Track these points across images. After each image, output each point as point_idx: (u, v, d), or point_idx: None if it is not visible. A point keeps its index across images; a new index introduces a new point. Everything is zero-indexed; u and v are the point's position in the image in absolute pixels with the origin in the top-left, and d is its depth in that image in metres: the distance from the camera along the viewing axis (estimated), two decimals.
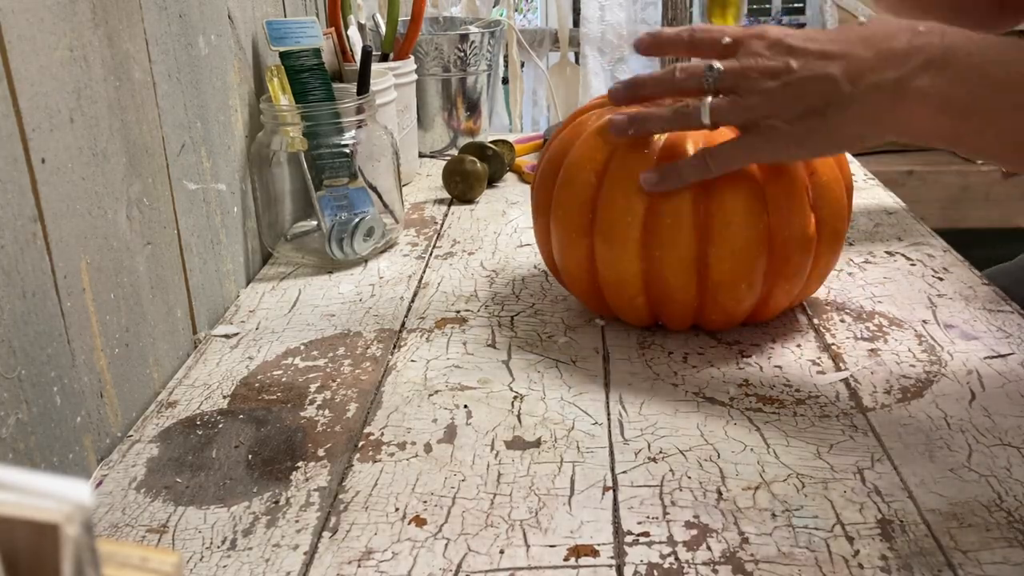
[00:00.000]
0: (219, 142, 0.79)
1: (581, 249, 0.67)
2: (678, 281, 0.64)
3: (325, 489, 0.53)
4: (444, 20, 1.37)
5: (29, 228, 0.50)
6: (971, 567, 0.45)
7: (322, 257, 0.86)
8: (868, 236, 0.89)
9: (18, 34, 0.49)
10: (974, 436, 0.56)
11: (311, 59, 0.86)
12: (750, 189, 0.62)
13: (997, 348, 0.66)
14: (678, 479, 0.53)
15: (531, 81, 2.29)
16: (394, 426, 0.59)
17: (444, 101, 1.21)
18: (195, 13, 0.74)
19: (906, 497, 0.50)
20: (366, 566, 0.47)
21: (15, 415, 0.49)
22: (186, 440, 0.59)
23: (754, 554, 0.46)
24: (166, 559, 0.22)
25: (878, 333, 0.69)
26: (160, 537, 0.50)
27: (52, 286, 0.53)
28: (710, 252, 0.63)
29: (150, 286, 0.65)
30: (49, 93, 0.52)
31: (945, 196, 2.26)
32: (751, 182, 0.62)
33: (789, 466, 0.53)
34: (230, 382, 0.66)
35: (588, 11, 2.16)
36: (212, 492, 0.53)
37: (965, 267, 0.81)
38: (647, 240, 0.64)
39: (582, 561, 0.46)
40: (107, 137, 0.59)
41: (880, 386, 0.62)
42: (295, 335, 0.73)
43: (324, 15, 1.14)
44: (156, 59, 0.67)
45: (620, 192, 0.64)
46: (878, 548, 0.46)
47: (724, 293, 0.64)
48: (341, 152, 0.86)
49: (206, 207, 0.76)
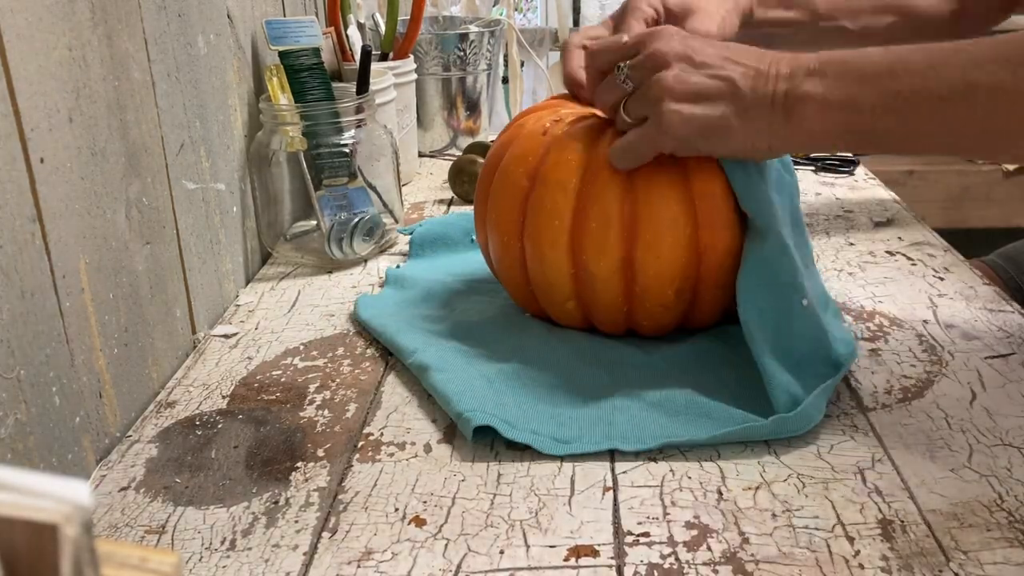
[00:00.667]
0: (218, 142, 0.79)
1: (514, 252, 0.66)
2: (606, 286, 0.63)
3: (325, 489, 0.53)
4: (444, 19, 1.37)
5: (28, 228, 0.50)
6: (972, 567, 0.45)
7: (321, 257, 0.86)
8: (868, 236, 0.89)
9: (17, 33, 0.49)
10: (975, 436, 0.56)
11: (310, 58, 0.86)
12: (679, 196, 0.61)
13: (998, 348, 0.66)
14: (678, 479, 0.52)
15: (531, 81, 2.29)
16: (394, 426, 0.59)
17: (444, 101, 1.21)
18: (194, 12, 0.74)
19: (907, 497, 0.50)
20: (366, 566, 0.46)
21: (14, 415, 0.49)
22: (185, 440, 0.59)
23: (754, 554, 0.46)
24: (165, 559, 0.22)
25: (879, 333, 0.69)
26: (159, 537, 0.50)
27: (51, 286, 0.53)
28: (636, 257, 0.62)
29: (149, 286, 0.65)
30: (48, 92, 0.52)
31: (945, 196, 2.26)
32: (680, 188, 0.61)
33: (789, 466, 0.53)
34: (229, 382, 0.66)
35: (588, 11, 2.16)
36: (211, 492, 0.53)
37: (965, 267, 0.81)
38: (575, 244, 0.63)
39: (582, 561, 0.46)
40: (106, 137, 0.59)
41: (880, 386, 0.62)
42: (294, 335, 0.73)
43: (323, 14, 1.14)
44: (155, 58, 0.66)
45: (549, 195, 0.63)
46: (879, 548, 0.46)
47: (652, 299, 0.63)
48: (340, 152, 0.86)
49: (205, 207, 0.76)
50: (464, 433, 0.56)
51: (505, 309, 0.73)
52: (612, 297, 0.64)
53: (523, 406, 0.59)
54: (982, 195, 2.26)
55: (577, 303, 0.66)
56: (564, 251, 0.63)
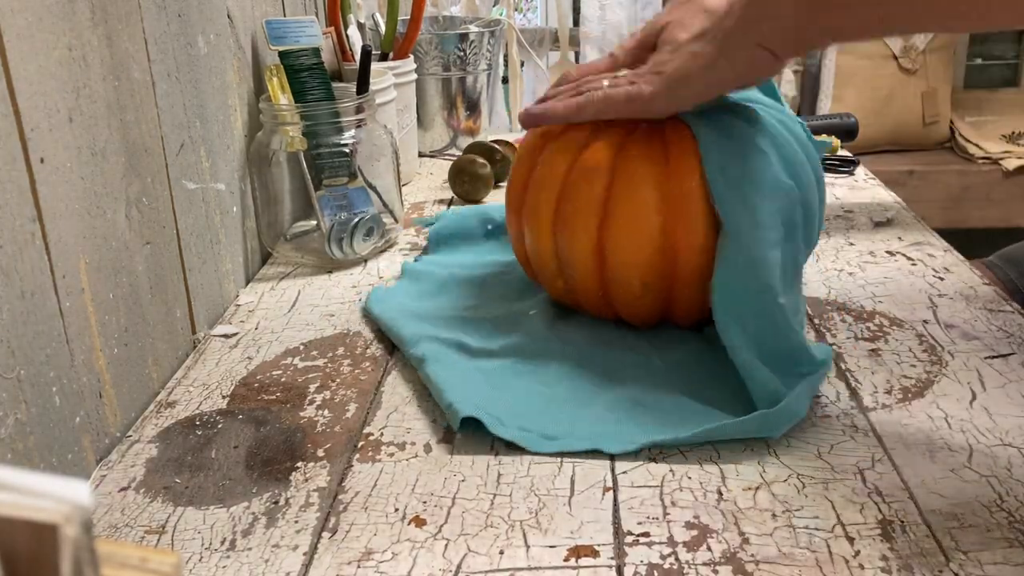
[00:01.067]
0: (218, 142, 0.79)
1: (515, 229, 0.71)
2: (582, 269, 0.65)
3: (325, 489, 0.53)
4: (444, 19, 1.37)
5: (28, 228, 0.50)
6: (972, 567, 0.45)
7: (321, 257, 0.86)
8: (868, 236, 0.89)
9: (17, 33, 0.49)
10: (975, 436, 0.56)
11: (310, 58, 0.86)
12: (654, 190, 0.62)
13: (998, 348, 0.66)
14: (678, 479, 0.52)
15: (531, 81, 2.29)
16: (394, 426, 0.59)
17: (444, 100, 1.21)
18: (194, 12, 0.74)
19: (907, 497, 0.50)
20: (366, 566, 0.46)
21: (14, 415, 0.49)
22: (185, 440, 0.59)
23: (754, 554, 0.46)
24: (165, 559, 0.22)
25: (878, 333, 0.69)
26: (159, 538, 0.50)
27: (51, 286, 0.53)
28: (607, 245, 0.64)
29: (149, 286, 0.65)
30: (48, 92, 0.52)
31: (945, 196, 2.26)
32: (656, 183, 0.62)
33: (789, 466, 0.53)
34: (229, 382, 0.66)
35: (588, 10, 2.16)
36: (211, 492, 0.53)
37: (965, 267, 0.81)
38: (556, 225, 0.66)
39: (582, 562, 0.46)
40: (106, 137, 0.59)
41: (880, 386, 0.62)
42: (294, 335, 0.73)
43: (323, 14, 1.14)
44: (155, 58, 0.66)
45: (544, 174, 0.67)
46: (878, 548, 0.46)
47: (620, 287, 0.65)
48: (340, 152, 0.86)
49: (205, 207, 0.76)
50: (452, 424, 0.57)
51: (511, 305, 0.74)
52: (589, 281, 0.66)
53: (514, 401, 0.60)
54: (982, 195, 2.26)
55: (564, 283, 0.68)
56: (548, 231, 0.66)
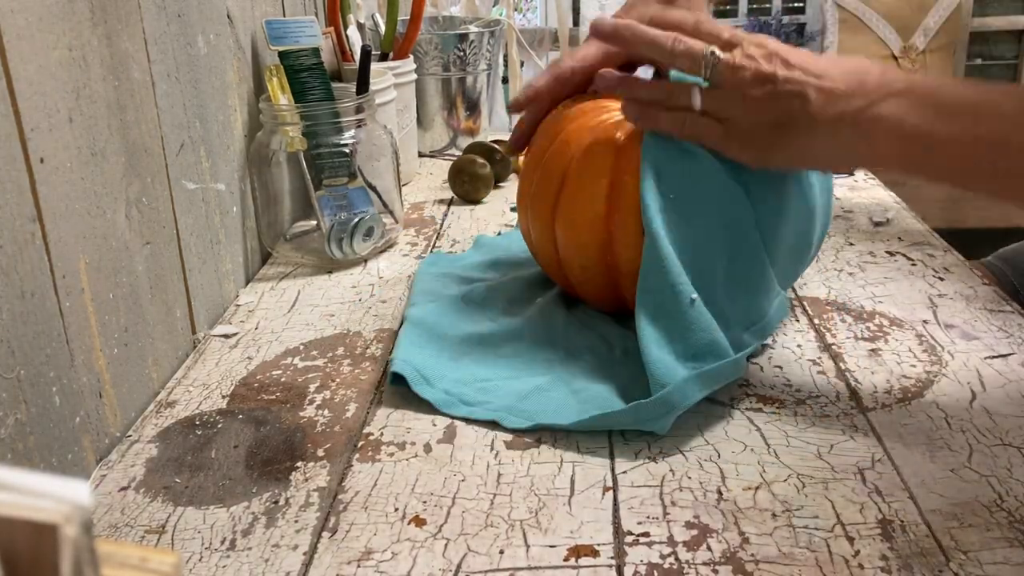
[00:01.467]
0: (218, 142, 0.79)
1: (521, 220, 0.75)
2: (543, 248, 0.70)
3: (324, 489, 0.53)
4: (443, 19, 1.37)
5: (28, 228, 0.50)
6: (972, 567, 0.45)
7: (321, 257, 0.86)
8: (868, 236, 0.89)
9: (17, 34, 0.49)
10: (975, 436, 0.56)
11: (310, 58, 0.86)
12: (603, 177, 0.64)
13: (997, 348, 0.66)
14: (678, 479, 0.52)
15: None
16: (394, 426, 0.59)
17: (444, 101, 1.21)
18: (194, 12, 0.74)
19: (906, 497, 0.50)
20: (366, 566, 0.47)
21: (14, 415, 0.49)
22: (185, 440, 0.59)
23: (754, 554, 0.46)
24: (165, 559, 0.22)
25: (878, 333, 0.69)
26: (159, 537, 0.50)
27: (51, 286, 0.53)
28: (556, 227, 0.67)
29: (149, 286, 0.65)
30: (48, 93, 0.52)
31: (945, 196, 2.26)
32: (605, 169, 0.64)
33: (789, 466, 0.53)
34: (229, 382, 0.66)
35: (588, 10, 2.16)
36: (211, 492, 0.53)
37: (965, 267, 0.81)
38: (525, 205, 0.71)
39: (582, 561, 0.46)
40: (106, 137, 0.59)
41: (880, 386, 0.62)
42: (294, 335, 0.73)
43: (323, 14, 1.14)
44: (155, 58, 0.66)
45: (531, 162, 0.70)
46: (878, 548, 0.46)
47: (568, 268, 0.68)
48: (340, 152, 0.86)
49: (205, 207, 0.76)
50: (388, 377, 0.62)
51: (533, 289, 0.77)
52: (549, 260, 0.70)
53: (458, 368, 0.64)
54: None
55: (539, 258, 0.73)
56: (523, 211, 0.72)
